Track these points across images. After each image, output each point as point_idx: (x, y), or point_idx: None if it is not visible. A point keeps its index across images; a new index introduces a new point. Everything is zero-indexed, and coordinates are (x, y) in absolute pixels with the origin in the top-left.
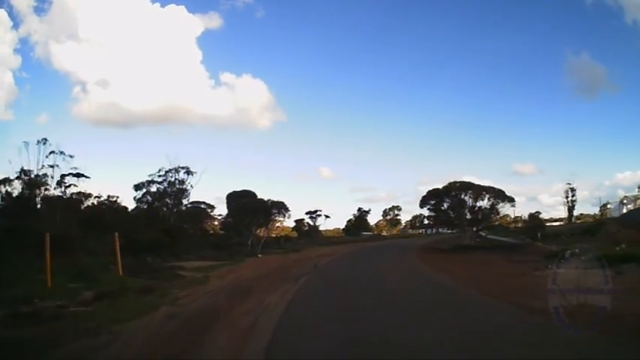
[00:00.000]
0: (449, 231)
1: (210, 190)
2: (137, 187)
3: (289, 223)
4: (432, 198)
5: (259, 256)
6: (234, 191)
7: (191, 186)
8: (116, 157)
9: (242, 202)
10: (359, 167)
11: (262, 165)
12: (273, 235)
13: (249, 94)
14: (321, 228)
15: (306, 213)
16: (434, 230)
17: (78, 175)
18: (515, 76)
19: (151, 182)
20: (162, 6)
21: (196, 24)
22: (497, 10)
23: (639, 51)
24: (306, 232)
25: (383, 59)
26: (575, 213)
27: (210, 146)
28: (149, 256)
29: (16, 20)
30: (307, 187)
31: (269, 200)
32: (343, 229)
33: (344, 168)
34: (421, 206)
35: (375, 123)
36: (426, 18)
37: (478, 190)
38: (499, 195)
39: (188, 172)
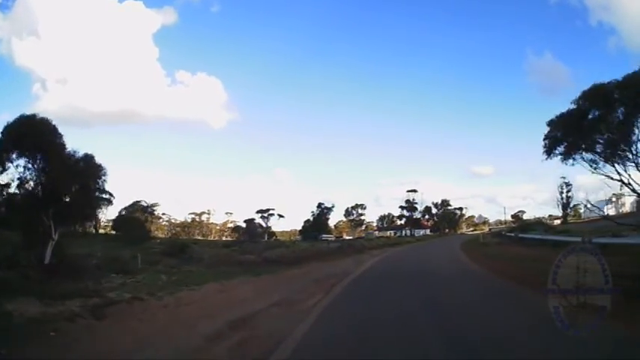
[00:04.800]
0: (423, 232)
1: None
2: None
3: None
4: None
5: None
6: None
7: None
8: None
9: None
10: (316, 168)
11: (214, 165)
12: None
13: (203, 93)
14: (275, 229)
15: (257, 212)
16: (405, 232)
17: None
18: (476, 76)
19: None
20: (120, 1)
21: (153, 19)
22: (463, 9)
23: (602, 51)
24: (248, 233)
25: (339, 57)
26: (542, 214)
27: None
28: None
29: None
30: (262, 188)
31: None
32: (300, 230)
33: (301, 169)
34: (550, 151)
35: (333, 124)
36: (386, 15)
37: None
38: None
39: None
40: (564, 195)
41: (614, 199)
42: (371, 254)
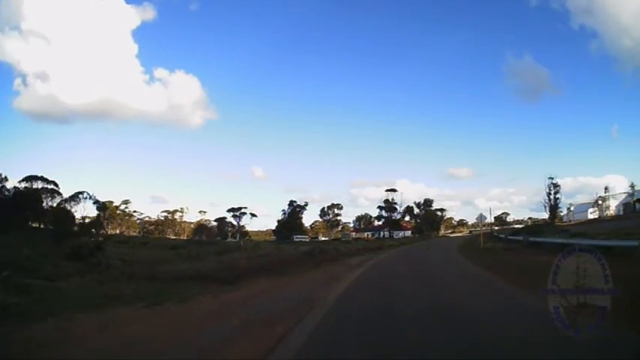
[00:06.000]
0: (403, 234)
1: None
2: None
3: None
4: None
5: None
6: None
7: None
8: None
9: None
10: (292, 168)
11: (191, 163)
12: None
13: (181, 91)
14: (250, 229)
15: (228, 210)
16: (383, 234)
17: None
18: (454, 78)
19: None
20: None
21: (133, 16)
22: (437, 11)
23: (581, 54)
24: (217, 233)
25: (318, 57)
26: (521, 217)
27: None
28: None
29: None
30: (239, 187)
31: None
32: (273, 230)
33: (277, 168)
34: None
35: (309, 123)
36: (364, 16)
37: None
38: None
39: None
40: (552, 197)
41: (599, 202)
42: (348, 265)
